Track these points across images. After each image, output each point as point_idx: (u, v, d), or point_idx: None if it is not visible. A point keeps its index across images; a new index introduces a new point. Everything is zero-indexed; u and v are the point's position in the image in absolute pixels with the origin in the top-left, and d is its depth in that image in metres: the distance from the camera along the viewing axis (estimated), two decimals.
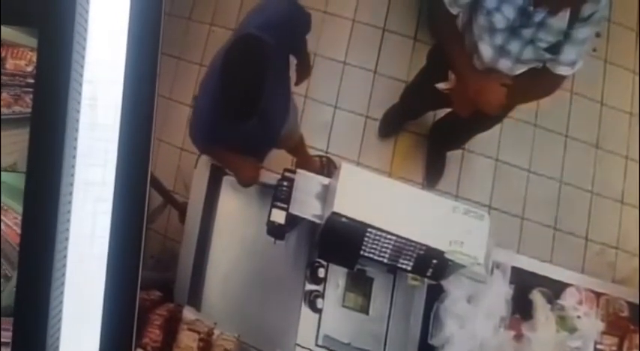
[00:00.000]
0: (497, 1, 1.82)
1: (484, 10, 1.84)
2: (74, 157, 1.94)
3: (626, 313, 1.97)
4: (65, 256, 1.93)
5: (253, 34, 1.80)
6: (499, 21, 1.83)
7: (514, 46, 1.87)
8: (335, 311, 1.99)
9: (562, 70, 1.88)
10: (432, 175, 2.21)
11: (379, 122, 2.21)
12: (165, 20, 1.92)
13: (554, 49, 1.84)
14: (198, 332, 1.95)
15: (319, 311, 1.97)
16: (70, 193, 1.93)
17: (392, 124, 2.22)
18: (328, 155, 2.17)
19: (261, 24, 1.83)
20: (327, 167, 2.16)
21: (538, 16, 1.79)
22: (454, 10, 1.90)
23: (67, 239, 1.93)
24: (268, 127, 1.97)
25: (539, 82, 1.93)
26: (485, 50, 1.90)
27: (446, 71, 2.00)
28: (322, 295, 1.98)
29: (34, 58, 1.82)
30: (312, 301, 1.97)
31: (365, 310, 2.00)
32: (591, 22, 1.80)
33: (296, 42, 2.00)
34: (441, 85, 1.99)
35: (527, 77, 1.92)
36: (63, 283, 1.92)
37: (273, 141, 2.04)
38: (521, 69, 1.91)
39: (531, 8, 1.78)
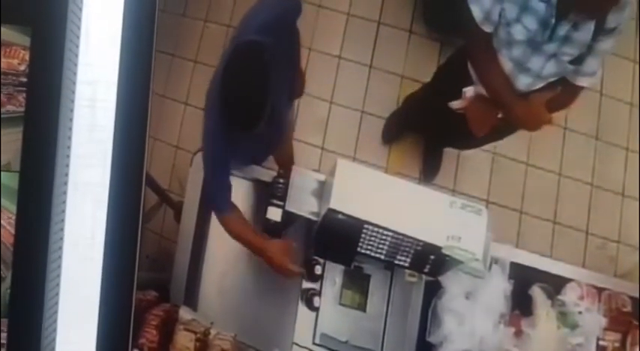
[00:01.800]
0: (518, 12, 1.73)
1: (504, 21, 1.76)
2: (68, 156, 1.93)
3: (629, 308, 1.95)
4: (60, 257, 1.92)
5: (254, 41, 1.74)
6: (519, 32, 1.74)
7: (535, 63, 1.79)
8: (332, 309, 1.98)
9: (583, 82, 1.81)
10: (429, 170, 2.18)
11: (382, 129, 2.18)
12: (159, 17, 1.90)
13: (577, 60, 1.77)
14: (195, 332, 1.94)
15: (316, 309, 1.96)
16: (64, 193, 1.92)
17: (395, 131, 2.18)
18: None
19: (260, 26, 1.78)
20: None
21: (562, 30, 1.71)
22: (487, 28, 1.79)
23: (61, 239, 1.92)
24: (273, 132, 1.94)
25: (559, 94, 1.86)
26: (504, 65, 1.83)
27: (458, 88, 1.93)
28: (319, 293, 1.97)
29: (27, 57, 1.82)
30: (308, 299, 1.96)
31: (362, 307, 1.99)
32: (616, 33, 1.73)
33: (293, 36, 1.97)
34: (455, 104, 1.94)
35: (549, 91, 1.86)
36: (58, 284, 1.92)
37: (278, 143, 2.02)
38: (540, 84, 1.84)
39: (553, 20, 1.70)
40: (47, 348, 1.85)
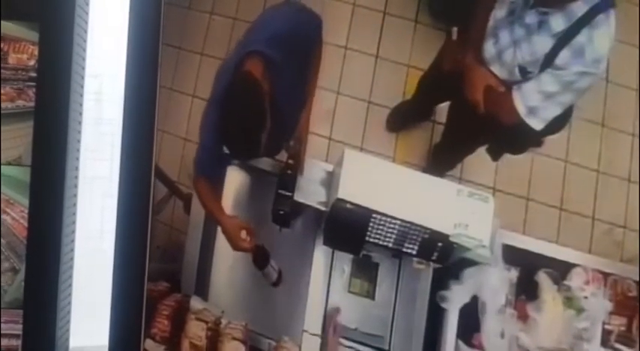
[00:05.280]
0: None
1: None
2: (78, 150, 1.95)
3: (634, 293, 1.96)
4: (72, 249, 1.94)
5: (260, 53, 1.75)
6: None
7: (502, 38, 1.83)
8: (341, 297, 2.00)
9: (516, 102, 1.83)
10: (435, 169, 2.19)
11: (387, 117, 2.18)
12: (165, 10, 1.91)
13: (523, 72, 1.81)
14: (206, 321, 1.96)
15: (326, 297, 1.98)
16: (75, 186, 1.94)
17: (401, 120, 2.19)
18: None
19: (271, 38, 1.78)
20: None
21: (531, 18, 1.76)
22: None
23: (73, 232, 1.94)
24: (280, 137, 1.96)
25: (500, 93, 1.88)
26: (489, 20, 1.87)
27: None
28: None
29: (36, 52, 1.83)
30: None
31: (371, 295, 2.00)
32: (559, 76, 1.77)
33: (308, 50, 1.96)
34: (454, 29, 1.98)
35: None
36: (71, 276, 1.94)
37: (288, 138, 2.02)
38: (495, 68, 1.87)
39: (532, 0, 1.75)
40: (61, 339, 1.88)
